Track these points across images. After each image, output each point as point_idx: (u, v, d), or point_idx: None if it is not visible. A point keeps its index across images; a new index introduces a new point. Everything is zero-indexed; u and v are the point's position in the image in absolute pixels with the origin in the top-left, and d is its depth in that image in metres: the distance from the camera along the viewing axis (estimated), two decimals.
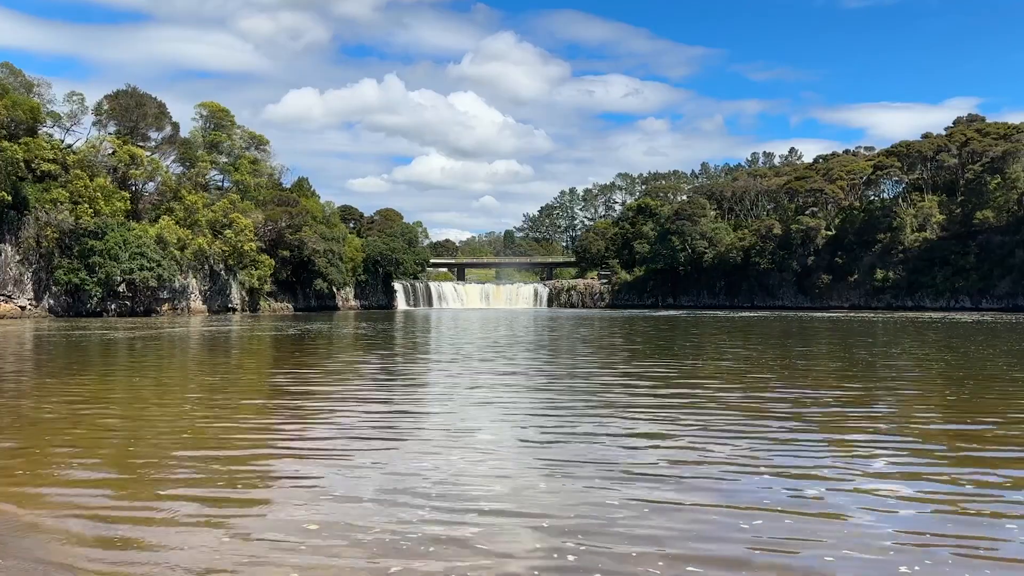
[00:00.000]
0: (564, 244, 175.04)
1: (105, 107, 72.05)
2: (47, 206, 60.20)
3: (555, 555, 6.09)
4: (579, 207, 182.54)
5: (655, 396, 15.20)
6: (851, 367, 21.60)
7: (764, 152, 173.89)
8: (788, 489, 8.08)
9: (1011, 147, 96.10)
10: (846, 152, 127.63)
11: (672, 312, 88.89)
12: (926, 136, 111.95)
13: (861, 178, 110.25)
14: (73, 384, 17.31)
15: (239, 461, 9.35)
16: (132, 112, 72.77)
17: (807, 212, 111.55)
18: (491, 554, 6.11)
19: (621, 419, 12.32)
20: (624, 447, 10.18)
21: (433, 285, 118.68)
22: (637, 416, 12.64)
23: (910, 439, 10.83)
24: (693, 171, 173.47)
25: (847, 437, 10.95)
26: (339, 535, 6.51)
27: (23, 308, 59.62)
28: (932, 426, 12.02)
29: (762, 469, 8.95)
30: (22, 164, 58.91)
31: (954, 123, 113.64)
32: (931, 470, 8.99)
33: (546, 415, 12.78)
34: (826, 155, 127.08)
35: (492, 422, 12.16)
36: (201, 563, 5.89)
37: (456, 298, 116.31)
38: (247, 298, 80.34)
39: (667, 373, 19.62)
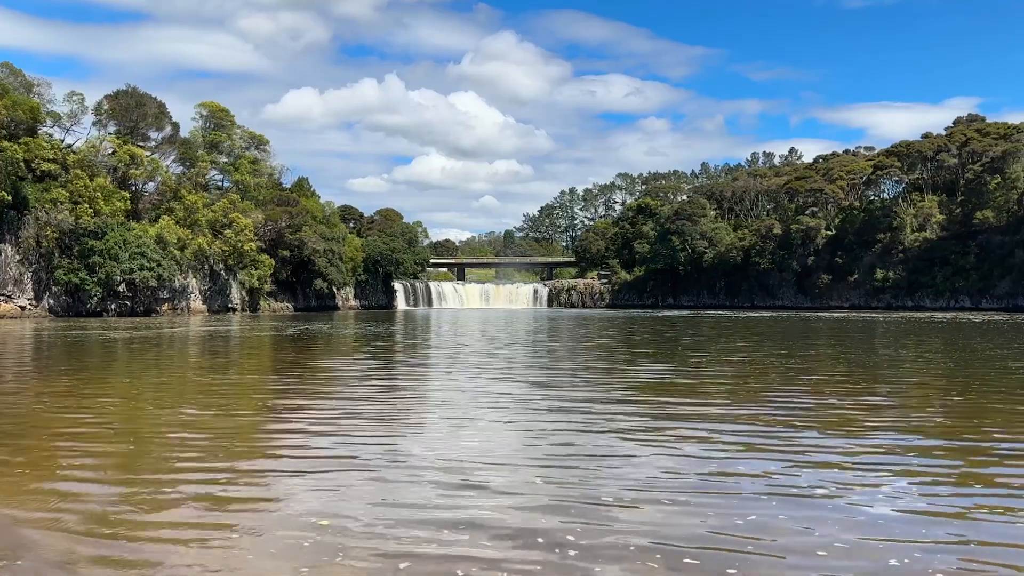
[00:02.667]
0: (564, 244, 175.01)
1: (105, 107, 72.05)
2: (47, 206, 60.20)
3: (557, 550, 6.13)
4: (579, 207, 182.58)
5: (658, 400, 15.20)
6: (865, 369, 21.59)
7: (764, 152, 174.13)
8: (795, 489, 8.09)
9: (1011, 147, 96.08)
10: (846, 152, 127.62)
11: (674, 312, 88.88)
12: (926, 136, 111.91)
13: (861, 178, 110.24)
14: (72, 384, 17.32)
15: (241, 461, 9.35)
16: (132, 112, 72.76)
17: (807, 212, 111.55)
18: (496, 549, 6.11)
19: (621, 424, 12.33)
20: (625, 451, 10.18)
21: (433, 285, 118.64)
22: (639, 421, 12.65)
23: (923, 442, 10.83)
24: (693, 171, 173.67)
25: (856, 442, 10.95)
26: (347, 534, 6.51)
27: (23, 308, 59.61)
28: (942, 429, 12.02)
29: (767, 472, 8.96)
30: (22, 164, 58.89)
31: (954, 123, 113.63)
32: (942, 475, 9.00)
33: (548, 417, 12.78)
34: (826, 155, 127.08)
35: (494, 423, 12.17)
36: (206, 562, 5.88)
37: (456, 298, 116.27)
38: (247, 298, 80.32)
39: (672, 377, 19.63)
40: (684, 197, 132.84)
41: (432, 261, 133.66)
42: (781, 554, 6.07)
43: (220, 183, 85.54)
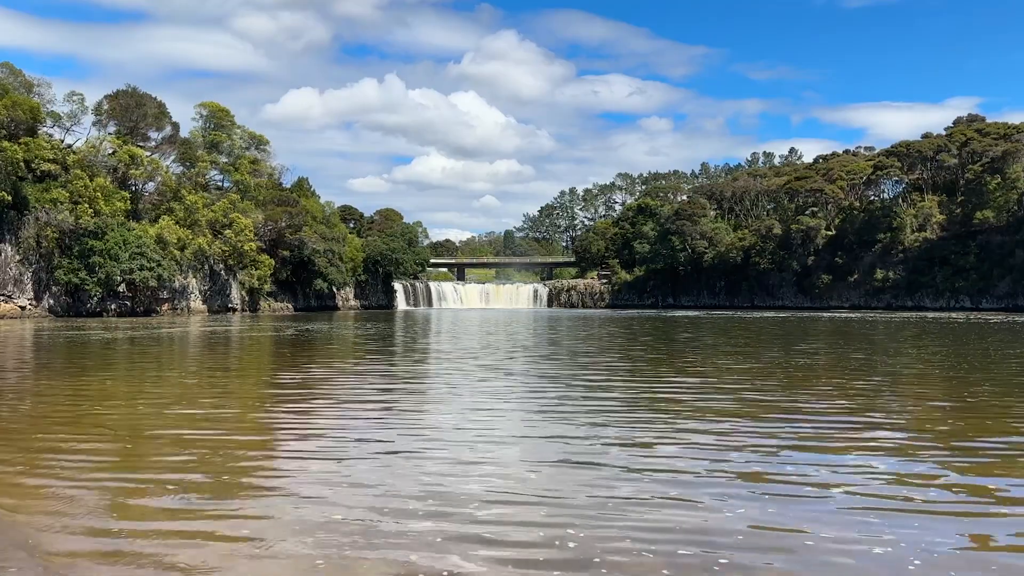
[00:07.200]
0: (564, 244, 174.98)
1: (105, 107, 72.00)
2: (47, 206, 60.17)
3: (556, 542, 6.17)
4: (579, 207, 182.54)
5: (666, 406, 15.21)
6: (881, 373, 21.55)
7: (764, 152, 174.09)
8: (806, 487, 8.10)
9: (1011, 147, 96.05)
10: (846, 152, 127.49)
11: (678, 312, 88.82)
12: (926, 136, 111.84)
13: (861, 178, 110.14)
14: (71, 383, 17.32)
15: (241, 461, 9.35)
16: (132, 112, 72.70)
17: (807, 212, 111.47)
18: (500, 545, 6.13)
19: (624, 430, 12.34)
20: (627, 457, 10.20)
21: (433, 285, 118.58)
22: (642, 426, 12.66)
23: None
24: (693, 171, 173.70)
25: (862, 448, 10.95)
26: (352, 532, 6.51)
27: (23, 308, 59.59)
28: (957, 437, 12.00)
29: (773, 477, 8.98)
30: (22, 164, 58.86)
31: (954, 123, 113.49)
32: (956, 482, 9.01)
33: (551, 423, 12.79)
34: (826, 155, 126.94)
35: (495, 423, 12.18)
36: (209, 563, 5.87)
37: (456, 298, 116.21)
38: (247, 298, 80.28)
39: (683, 386, 19.62)
40: (684, 197, 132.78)
41: (432, 261, 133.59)
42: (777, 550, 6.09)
43: (220, 183, 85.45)
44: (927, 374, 19.46)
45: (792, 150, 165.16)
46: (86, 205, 61.59)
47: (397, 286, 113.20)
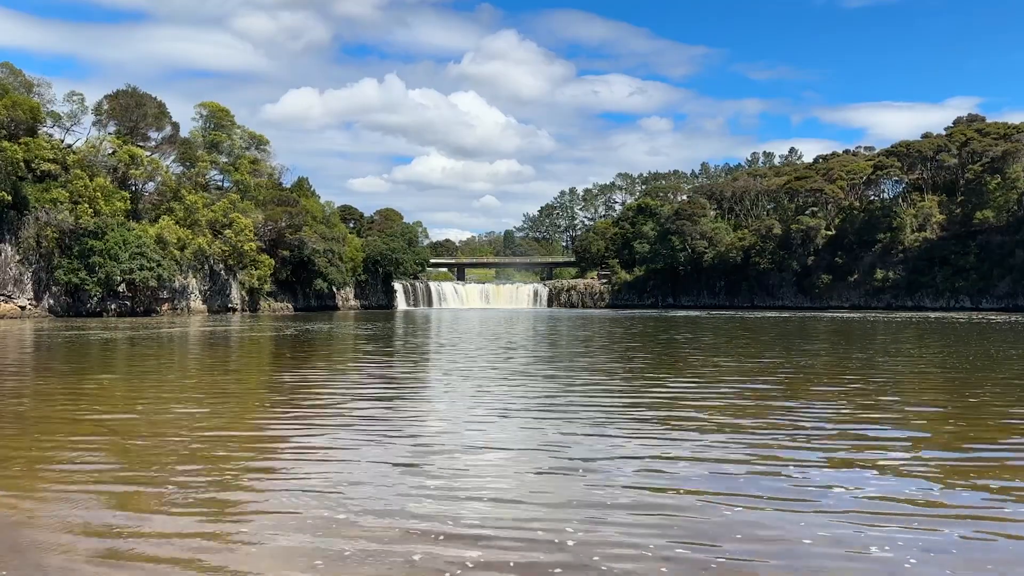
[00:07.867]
0: (564, 244, 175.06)
1: (105, 107, 71.98)
2: (47, 206, 60.18)
3: (556, 540, 6.18)
4: (579, 207, 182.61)
5: (665, 408, 15.21)
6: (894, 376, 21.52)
7: (764, 152, 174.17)
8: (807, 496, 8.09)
9: (1011, 147, 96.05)
10: (846, 152, 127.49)
11: (680, 312, 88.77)
12: (926, 136, 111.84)
13: (861, 178, 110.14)
14: (71, 384, 17.31)
15: (241, 462, 9.34)
16: (132, 112, 72.69)
17: (807, 212, 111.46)
18: (499, 548, 6.12)
19: (623, 433, 12.33)
20: (625, 459, 10.20)
21: (433, 285, 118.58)
22: (641, 428, 12.66)
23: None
24: (693, 171, 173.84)
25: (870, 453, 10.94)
26: (353, 532, 6.50)
27: (23, 308, 59.59)
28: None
29: (772, 479, 8.97)
30: (22, 164, 58.87)
31: (954, 123, 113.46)
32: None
33: (549, 425, 12.79)
34: (826, 155, 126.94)
35: (493, 426, 12.18)
36: (208, 563, 5.84)
37: (456, 298, 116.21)
38: (247, 298, 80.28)
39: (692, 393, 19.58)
40: (684, 197, 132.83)
41: (432, 261, 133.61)
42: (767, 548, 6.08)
43: (220, 183, 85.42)
44: (929, 375, 19.45)
45: (792, 150, 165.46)
46: (86, 205, 61.59)
47: (397, 286, 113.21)
